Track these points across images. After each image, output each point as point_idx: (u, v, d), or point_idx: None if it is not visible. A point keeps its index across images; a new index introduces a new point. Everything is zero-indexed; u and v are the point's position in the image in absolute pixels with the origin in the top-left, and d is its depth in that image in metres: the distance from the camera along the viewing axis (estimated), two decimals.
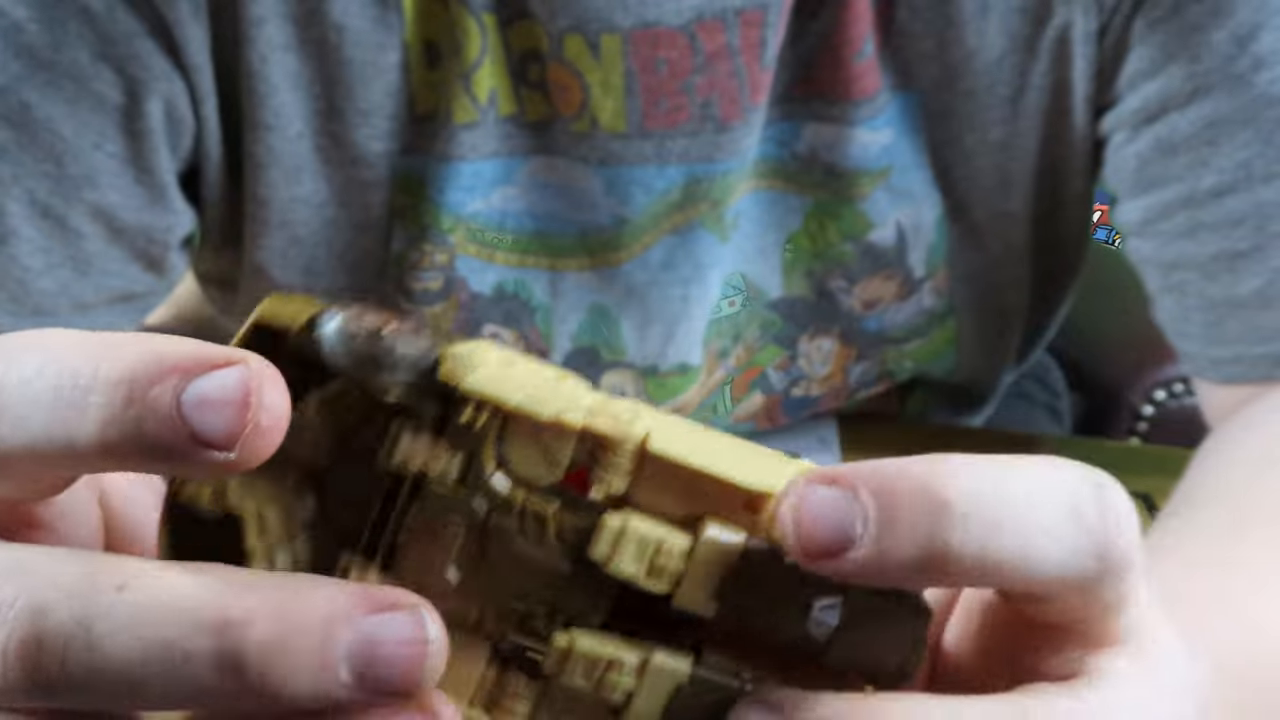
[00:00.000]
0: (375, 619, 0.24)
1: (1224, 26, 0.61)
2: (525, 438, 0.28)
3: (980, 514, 0.24)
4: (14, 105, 0.60)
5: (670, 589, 0.27)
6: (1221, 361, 0.65)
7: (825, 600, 0.27)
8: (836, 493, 0.24)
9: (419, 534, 0.28)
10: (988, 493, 0.24)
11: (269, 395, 0.24)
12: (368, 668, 0.24)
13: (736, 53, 0.63)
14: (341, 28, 0.63)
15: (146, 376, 0.24)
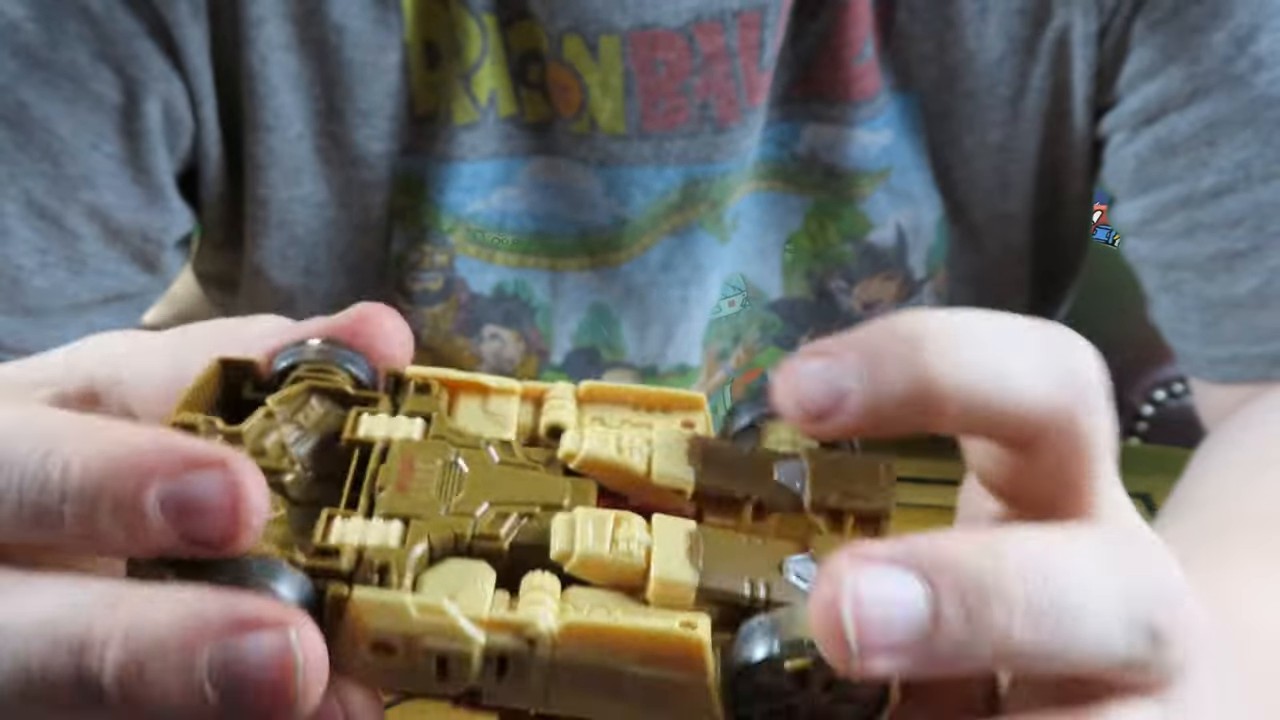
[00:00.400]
0: (237, 638, 0.24)
1: (1223, 28, 0.61)
2: (473, 405, 0.31)
3: (956, 344, 0.25)
4: (11, 104, 0.60)
5: (645, 466, 0.29)
6: (1218, 361, 0.65)
7: (785, 463, 0.29)
8: (825, 360, 0.25)
9: (397, 483, 0.28)
10: (961, 327, 0.25)
11: (253, 494, 0.24)
12: (233, 689, 0.24)
13: (734, 54, 0.63)
14: (341, 28, 0.63)
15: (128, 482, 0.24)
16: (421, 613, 0.26)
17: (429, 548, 0.27)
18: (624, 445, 0.29)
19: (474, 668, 0.26)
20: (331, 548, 0.27)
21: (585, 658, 0.26)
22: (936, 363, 0.25)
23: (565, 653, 0.26)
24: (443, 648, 0.26)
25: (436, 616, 0.26)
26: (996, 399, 0.25)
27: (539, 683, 0.26)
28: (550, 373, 0.71)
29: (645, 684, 0.26)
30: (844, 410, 0.25)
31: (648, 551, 0.27)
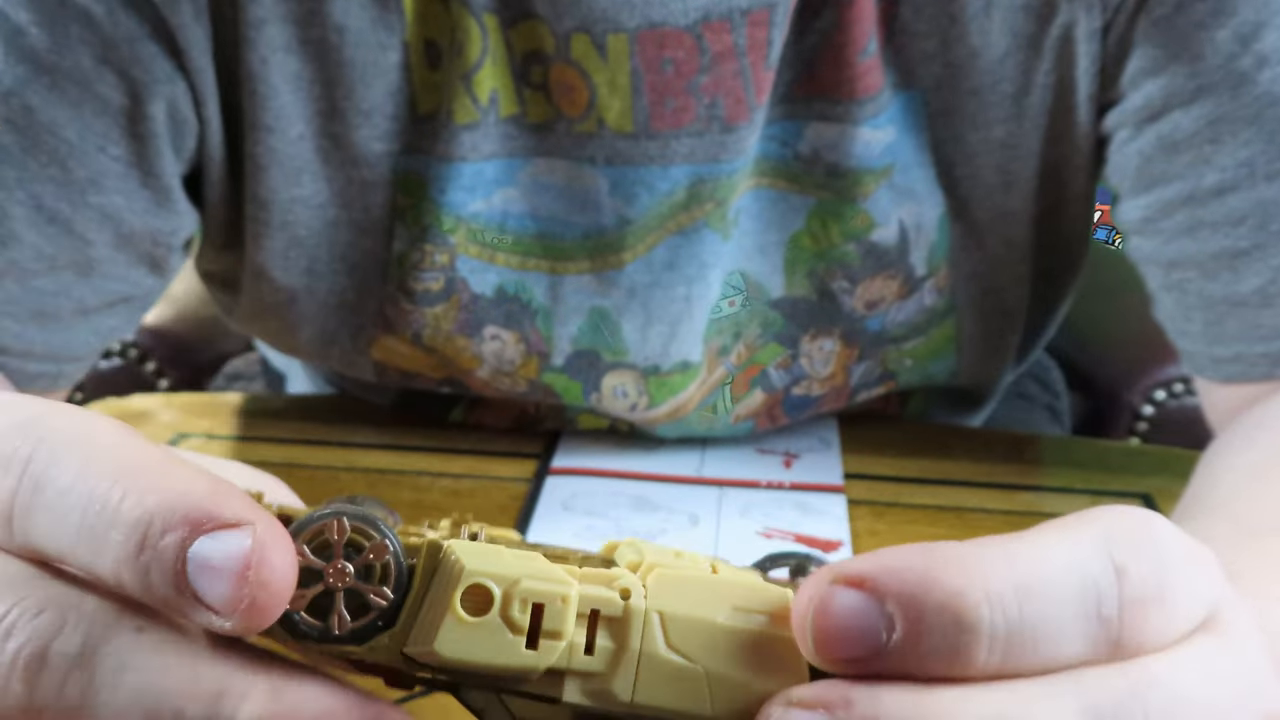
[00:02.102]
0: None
1: (1227, 25, 0.61)
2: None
3: (1006, 630, 0.24)
4: (17, 109, 0.60)
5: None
6: (1222, 360, 0.65)
7: None
8: (862, 600, 0.24)
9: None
10: (1012, 606, 0.24)
11: (268, 571, 0.24)
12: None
13: (743, 53, 0.63)
14: (342, 28, 0.63)
15: (161, 523, 0.24)
16: (520, 559, 0.25)
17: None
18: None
19: (569, 621, 0.25)
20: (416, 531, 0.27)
21: (680, 608, 0.25)
22: (983, 655, 0.24)
23: (659, 602, 0.25)
24: (541, 590, 0.25)
25: (533, 564, 0.25)
26: (1034, 670, 0.25)
27: (633, 642, 0.25)
28: (551, 374, 0.71)
29: (738, 641, 0.25)
30: (873, 664, 0.24)
31: (713, 565, 0.27)
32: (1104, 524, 0.26)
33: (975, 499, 0.68)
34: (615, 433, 0.77)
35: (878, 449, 0.75)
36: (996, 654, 0.24)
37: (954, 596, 0.24)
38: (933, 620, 0.24)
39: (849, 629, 0.24)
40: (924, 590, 0.24)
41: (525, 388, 0.72)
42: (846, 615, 0.24)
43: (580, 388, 0.72)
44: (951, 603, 0.24)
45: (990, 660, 0.24)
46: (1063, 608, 0.25)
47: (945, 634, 0.24)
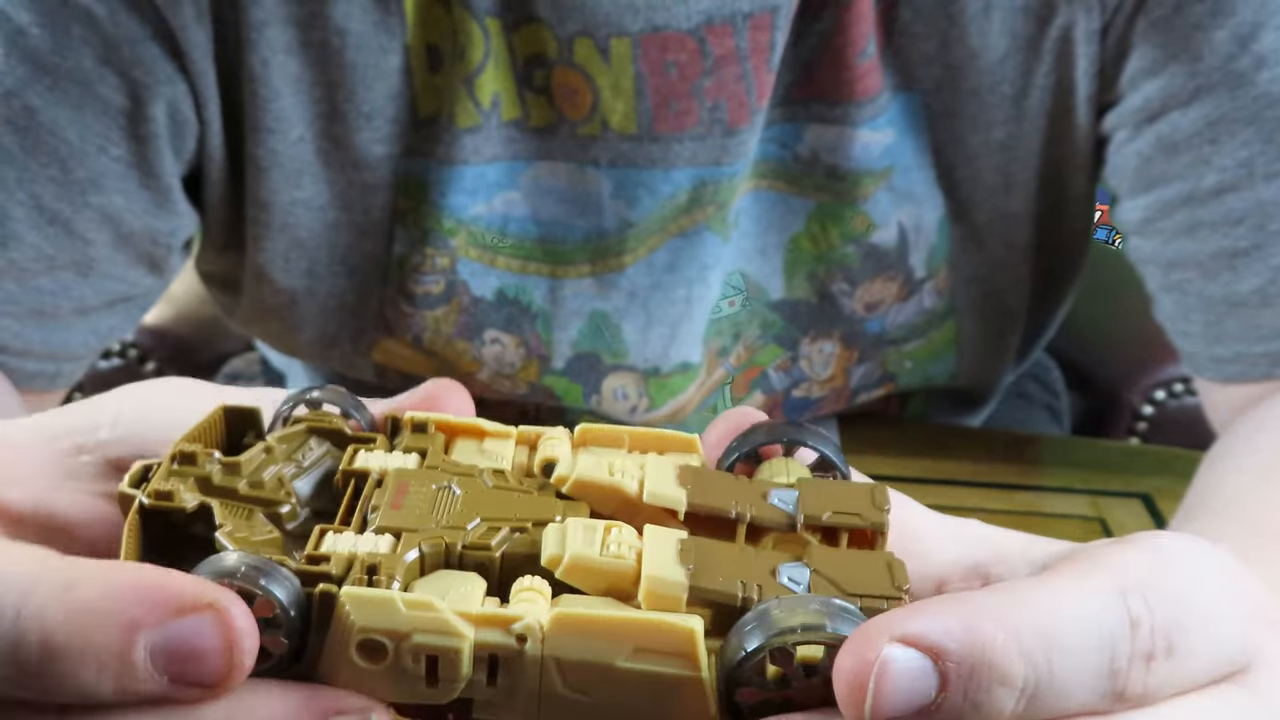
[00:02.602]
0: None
1: (1225, 26, 0.61)
2: (469, 446, 0.31)
3: (1035, 684, 0.24)
4: (19, 110, 0.60)
5: (636, 488, 0.29)
6: (1222, 360, 0.65)
7: (778, 489, 0.29)
8: (919, 660, 0.24)
9: (390, 503, 0.29)
10: (1042, 662, 0.24)
11: (246, 635, 0.24)
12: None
13: (745, 56, 0.63)
14: (343, 31, 0.63)
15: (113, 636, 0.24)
16: (410, 608, 0.25)
17: (420, 556, 0.27)
18: (615, 469, 0.29)
19: (464, 668, 0.25)
20: (322, 555, 0.27)
21: (577, 653, 0.25)
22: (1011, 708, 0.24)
23: (556, 647, 0.25)
24: (432, 644, 0.25)
25: (425, 611, 0.25)
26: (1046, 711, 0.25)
27: (531, 683, 0.26)
28: (551, 376, 0.71)
29: (639, 682, 0.25)
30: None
31: (639, 554, 0.27)
32: (1123, 568, 0.26)
33: (975, 499, 0.68)
34: None
35: (878, 449, 0.75)
36: (1021, 706, 0.24)
37: (1000, 654, 0.24)
38: (981, 678, 0.24)
39: (908, 689, 0.24)
40: (974, 648, 0.24)
41: (525, 390, 0.72)
42: (905, 675, 0.24)
43: (581, 390, 0.72)
44: (998, 661, 0.24)
45: (1015, 712, 0.24)
46: (1082, 659, 0.25)
47: (988, 690, 0.24)
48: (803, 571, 0.27)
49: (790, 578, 0.27)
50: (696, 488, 0.29)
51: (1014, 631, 0.24)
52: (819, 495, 0.29)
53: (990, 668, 0.24)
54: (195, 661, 0.24)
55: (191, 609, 0.24)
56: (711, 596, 0.26)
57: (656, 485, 0.29)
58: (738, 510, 0.28)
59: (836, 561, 0.27)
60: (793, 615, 0.25)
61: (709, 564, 0.27)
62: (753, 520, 0.28)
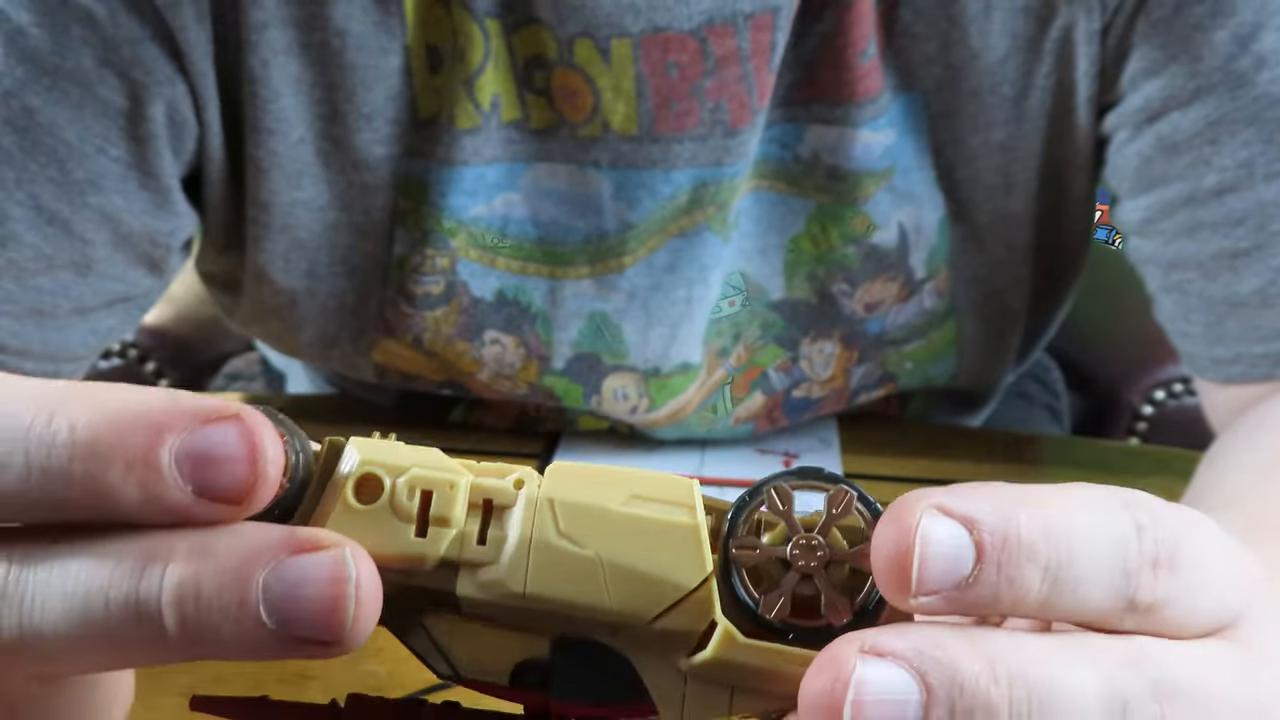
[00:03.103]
0: (293, 559, 0.24)
1: (1225, 26, 0.61)
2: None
3: (1057, 565, 0.25)
4: (17, 110, 0.60)
5: None
6: (1222, 361, 0.65)
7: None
8: (958, 530, 0.24)
9: None
10: (1064, 543, 0.25)
11: (269, 444, 0.24)
12: (288, 609, 0.23)
13: (746, 57, 0.63)
14: (343, 32, 0.63)
15: (140, 437, 0.24)
16: (416, 453, 0.25)
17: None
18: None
19: (457, 508, 0.25)
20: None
21: (572, 494, 0.25)
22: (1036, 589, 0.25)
23: (552, 490, 0.25)
24: (429, 478, 0.25)
25: (426, 455, 0.25)
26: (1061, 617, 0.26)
27: (524, 533, 0.25)
28: (551, 377, 0.71)
29: (634, 529, 0.25)
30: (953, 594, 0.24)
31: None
32: (1128, 490, 0.27)
33: None
34: (615, 434, 0.77)
35: (877, 449, 0.75)
36: (1046, 588, 0.25)
37: (1026, 529, 0.25)
38: (1012, 551, 0.24)
39: (948, 557, 0.24)
40: (1005, 521, 0.25)
41: (525, 390, 0.72)
42: (945, 542, 0.24)
43: (581, 390, 0.72)
44: (1025, 535, 0.25)
45: (1040, 593, 0.25)
46: (1097, 549, 0.25)
47: (1018, 565, 0.24)
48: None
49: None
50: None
51: (1037, 512, 0.25)
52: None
53: (1019, 541, 0.24)
54: (220, 467, 0.24)
55: (218, 418, 0.24)
56: (718, 505, 0.26)
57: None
58: None
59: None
60: (800, 473, 0.25)
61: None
62: None
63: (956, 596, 0.24)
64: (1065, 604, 0.25)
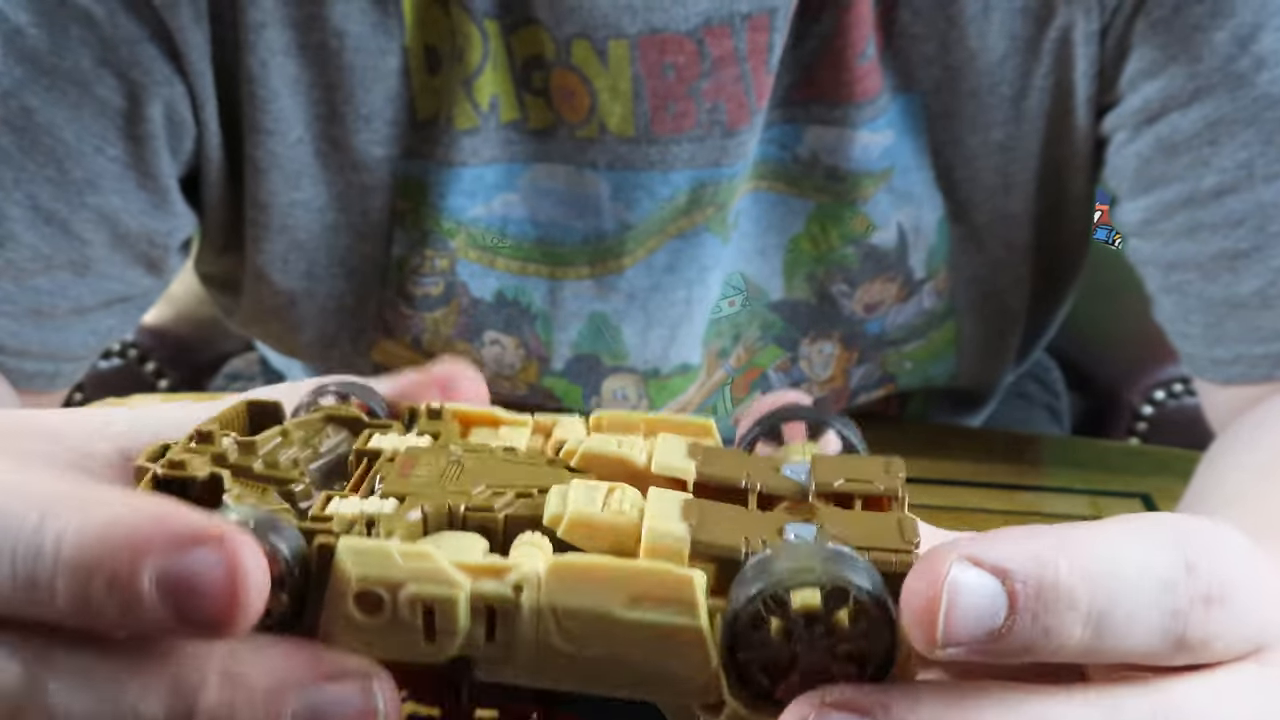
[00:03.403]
0: (322, 688, 0.24)
1: (1225, 27, 0.61)
2: (484, 434, 0.31)
3: (1099, 611, 0.24)
4: (15, 110, 0.60)
5: (645, 460, 0.29)
6: (1222, 362, 0.65)
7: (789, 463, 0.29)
8: (989, 580, 0.24)
9: (399, 473, 0.29)
10: (1104, 588, 0.24)
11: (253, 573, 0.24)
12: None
13: (743, 58, 0.63)
14: (342, 33, 0.63)
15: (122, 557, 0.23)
16: (406, 559, 0.25)
17: (423, 516, 0.27)
18: (624, 444, 0.29)
19: (460, 619, 0.25)
20: (325, 515, 0.27)
21: (574, 601, 0.25)
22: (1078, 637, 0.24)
23: (553, 595, 0.25)
24: (428, 594, 0.25)
25: (420, 561, 0.25)
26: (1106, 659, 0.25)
27: (529, 635, 0.25)
28: (551, 378, 0.71)
29: (637, 632, 0.25)
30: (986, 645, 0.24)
31: (640, 511, 0.27)
32: (1174, 522, 0.26)
33: (975, 499, 0.68)
34: None
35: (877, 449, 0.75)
36: (1089, 636, 0.24)
37: (1065, 576, 0.24)
38: (1048, 600, 0.24)
39: (978, 608, 0.24)
40: (1041, 569, 0.24)
41: (525, 391, 0.72)
42: (975, 593, 0.24)
43: (580, 392, 0.72)
44: (1064, 582, 0.24)
45: (1082, 640, 0.24)
46: (1144, 593, 0.25)
47: (1056, 614, 0.24)
48: (809, 529, 0.27)
49: (796, 534, 0.26)
50: (707, 461, 0.29)
51: (1077, 557, 0.24)
52: (832, 466, 0.29)
53: (1057, 589, 0.24)
54: (200, 596, 0.23)
55: (200, 541, 0.23)
56: (714, 551, 0.26)
57: (665, 457, 0.29)
58: (748, 481, 0.28)
59: (845, 520, 0.27)
60: (791, 560, 0.24)
61: (713, 522, 0.26)
62: (763, 490, 0.28)
63: (989, 647, 0.24)
64: (1110, 648, 0.25)
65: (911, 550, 0.26)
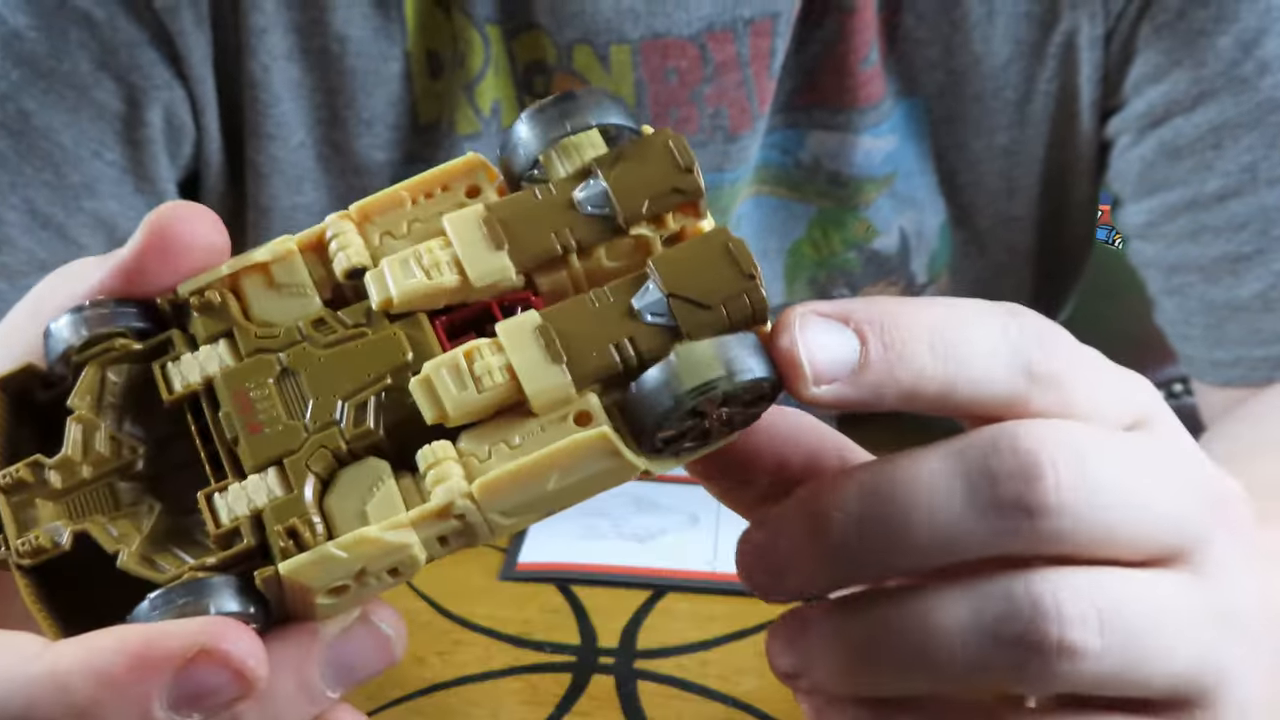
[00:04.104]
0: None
1: (1229, 31, 0.61)
2: (260, 289, 0.29)
3: (945, 344, 0.27)
4: (13, 113, 0.60)
5: (459, 277, 0.28)
6: (1222, 364, 0.65)
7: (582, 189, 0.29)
8: (834, 325, 0.27)
9: (246, 426, 0.28)
10: (942, 321, 0.28)
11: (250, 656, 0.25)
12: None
13: (746, 63, 0.63)
14: (344, 38, 0.63)
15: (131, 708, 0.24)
16: (350, 550, 0.26)
17: (316, 478, 0.27)
18: (428, 265, 0.28)
19: (420, 559, 0.26)
20: (228, 529, 0.26)
21: (510, 500, 0.26)
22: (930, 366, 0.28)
23: (490, 506, 0.26)
24: (387, 564, 0.26)
25: (365, 546, 0.26)
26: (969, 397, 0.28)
27: (480, 533, 0.27)
28: None
29: (571, 487, 0.27)
30: (858, 386, 0.27)
31: (510, 371, 0.27)
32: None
33: None
34: None
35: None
36: (940, 363, 0.27)
37: (900, 309, 0.28)
38: (891, 330, 0.27)
39: (833, 346, 0.27)
40: (877, 306, 0.28)
41: None
42: (826, 332, 0.27)
43: None
44: (902, 315, 0.28)
45: (936, 369, 0.27)
46: (980, 325, 0.28)
47: (902, 342, 0.27)
48: (658, 299, 0.27)
49: (651, 313, 0.27)
50: (511, 239, 0.28)
51: (909, 302, 0.28)
52: (626, 179, 0.29)
53: (896, 319, 0.27)
54: (214, 695, 0.24)
55: (196, 660, 0.24)
56: (595, 375, 0.27)
57: (476, 264, 0.28)
58: (561, 243, 0.28)
59: (680, 268, 0.28)
60: (694, 373, 0.26)
61: (573, 342, 0.27)
62: (579, 243, 0.28)
63: (857, 380, 0.27)
64: (965, 379, 0.28)
65: (755, 279, 0.28)
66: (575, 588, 0.57)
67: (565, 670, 0.52)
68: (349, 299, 0.29)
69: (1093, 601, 0.27)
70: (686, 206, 0.29)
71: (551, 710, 0.50)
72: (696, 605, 0.56)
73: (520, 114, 0.30)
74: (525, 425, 0.27)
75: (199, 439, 0.28)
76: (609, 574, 0.58)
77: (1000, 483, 0.27)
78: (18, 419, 0.29)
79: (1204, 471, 0.30)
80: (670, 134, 0.29)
